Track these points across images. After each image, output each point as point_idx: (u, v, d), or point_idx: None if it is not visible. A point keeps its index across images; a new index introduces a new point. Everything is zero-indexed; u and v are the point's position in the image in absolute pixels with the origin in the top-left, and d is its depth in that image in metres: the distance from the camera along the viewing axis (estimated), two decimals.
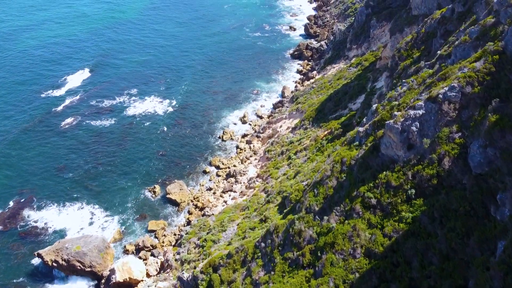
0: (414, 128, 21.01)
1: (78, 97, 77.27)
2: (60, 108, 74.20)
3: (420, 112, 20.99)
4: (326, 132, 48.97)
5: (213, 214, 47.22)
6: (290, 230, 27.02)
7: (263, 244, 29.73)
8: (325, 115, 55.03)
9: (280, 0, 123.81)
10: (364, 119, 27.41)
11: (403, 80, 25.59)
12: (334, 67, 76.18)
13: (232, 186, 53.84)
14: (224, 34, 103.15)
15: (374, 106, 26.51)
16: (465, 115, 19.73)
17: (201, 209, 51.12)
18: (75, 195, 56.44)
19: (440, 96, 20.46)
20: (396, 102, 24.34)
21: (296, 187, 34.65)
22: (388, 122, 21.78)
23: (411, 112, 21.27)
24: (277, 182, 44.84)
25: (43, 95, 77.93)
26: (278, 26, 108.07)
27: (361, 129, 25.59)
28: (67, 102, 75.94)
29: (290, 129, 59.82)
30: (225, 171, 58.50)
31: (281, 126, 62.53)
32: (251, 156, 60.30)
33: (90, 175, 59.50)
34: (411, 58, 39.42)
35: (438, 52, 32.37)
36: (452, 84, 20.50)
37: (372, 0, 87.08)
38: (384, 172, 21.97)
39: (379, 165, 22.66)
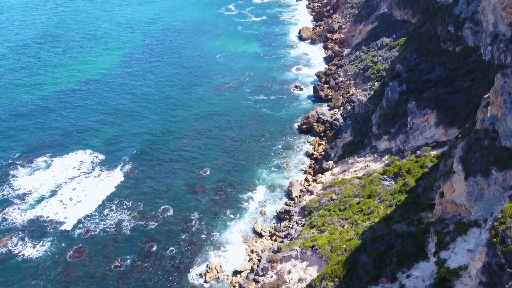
0: None
1: (13, 207, 58.27)
2: None
3: None
4: None
5: None
6: None
7: None
8: (360, 280, 35.94)
9: (284, 49, 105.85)
10: None
11: None
12: (358, 162, 57.50)
13: None
14: (216, 97, 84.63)
15: None
16: None
17: None
18: None
19: None
20: None
21: None
22: None
23: None
24: None
25: None
26: (283, 84, 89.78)
27: None
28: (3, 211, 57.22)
29: (304, 283, 40.68)
30: None
31: (289, 272, 43.35)
32: None
33: None
34: None
35: None
36: None
37: (401, 62, 69.87)
38: None
39: None
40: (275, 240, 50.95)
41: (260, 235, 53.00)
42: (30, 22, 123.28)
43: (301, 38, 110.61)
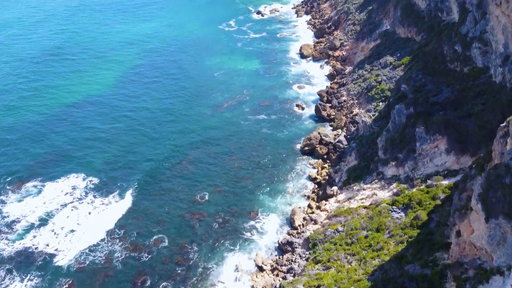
0: None
1: (1, 236, 55.24)
2: None
3: None
4: None
5: None
6: None
7: None
8: None
9: (284, 66, 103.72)
10: None
11: None
12: (364, 189, 54.57)
13: None
14: (215, 118, 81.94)
15: None
16: None
17: None
18: None
19: None
20: None
21: None
22: None
23: None
24: None
25: None
26: (283, 103, 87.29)
27: None
28: None
29: None
30: None
31: None
32: None
33: None
34: None
35: None
36: None
37: (406, 82, 67.48)
38: None
39: None
40: (277, 275, 47.74)
41: (261, 269, 49.80)
42: (27, 39, 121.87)
43: (302, 55, 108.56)
